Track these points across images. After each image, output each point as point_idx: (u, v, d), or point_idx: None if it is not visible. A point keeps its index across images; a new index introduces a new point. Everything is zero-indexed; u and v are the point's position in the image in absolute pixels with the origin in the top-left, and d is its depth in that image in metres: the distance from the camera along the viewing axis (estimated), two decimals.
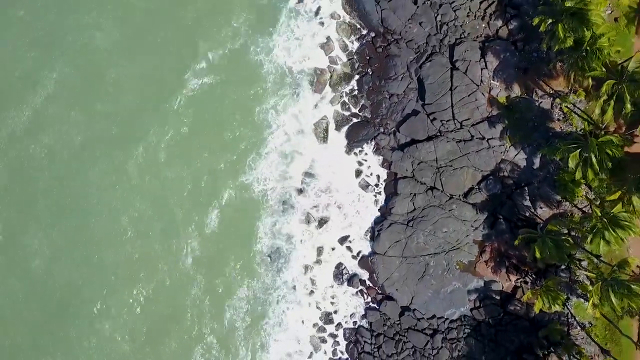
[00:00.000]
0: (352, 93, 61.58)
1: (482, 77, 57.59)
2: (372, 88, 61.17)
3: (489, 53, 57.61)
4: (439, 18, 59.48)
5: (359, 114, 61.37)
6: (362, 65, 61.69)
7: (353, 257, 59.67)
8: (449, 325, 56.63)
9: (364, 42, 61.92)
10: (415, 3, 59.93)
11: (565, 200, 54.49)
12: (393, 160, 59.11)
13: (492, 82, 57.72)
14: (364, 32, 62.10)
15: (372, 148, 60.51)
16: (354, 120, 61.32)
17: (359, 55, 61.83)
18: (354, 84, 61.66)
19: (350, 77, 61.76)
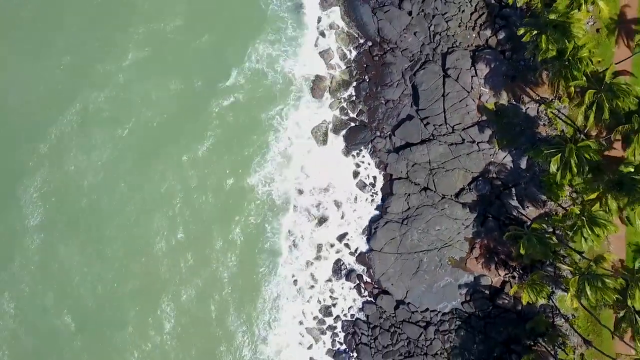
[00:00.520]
0: (350, 99, 62.80)
1: (472, 84, 59.03)
2: (369, 94, 62.35)
3: (479, 61, 59.06)
4: (432, 28, 60.82)
5: (357, 119, 62.58)
6: (359, 73, 62.83)
7: (351, 253, 60.88)
8: (441, 318, 58.02)
9: (362, 50, 63.10)
10: (410, 14, 61.16)
11: (551, 200, 56.00)
12: (389, 162, 60.44)
13: (482, 88, 59.08)
14: (362, 41, 63.24)
15: (369, 151, 61.72)
16: (352, 125, 62.49)
17: (357, 63, 62.99)
18: (352, 90, 62.87)
19: (349, 83, 62.90)
